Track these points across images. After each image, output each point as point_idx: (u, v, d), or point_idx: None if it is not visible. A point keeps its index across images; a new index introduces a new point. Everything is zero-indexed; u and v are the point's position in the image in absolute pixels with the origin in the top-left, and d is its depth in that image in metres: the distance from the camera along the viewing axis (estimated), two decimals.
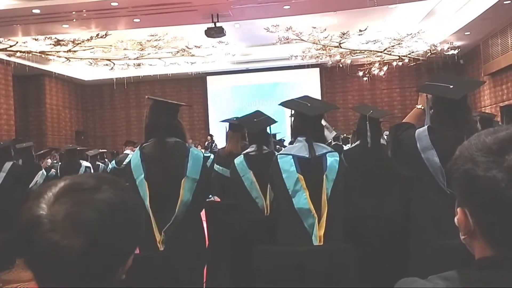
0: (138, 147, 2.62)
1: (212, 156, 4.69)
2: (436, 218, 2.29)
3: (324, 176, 2.46)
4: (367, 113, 3.34)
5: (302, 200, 2.42)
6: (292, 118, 2.77)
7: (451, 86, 2.31)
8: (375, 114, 3.40)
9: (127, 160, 8.69)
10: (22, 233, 0.77)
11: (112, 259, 0.80)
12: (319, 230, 2.37)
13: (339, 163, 2.54)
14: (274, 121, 3.43)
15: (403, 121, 2.65)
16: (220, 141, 11.57)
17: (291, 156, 2.54)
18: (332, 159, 2.53)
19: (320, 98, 11.68)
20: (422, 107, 2.60)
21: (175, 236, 2.39)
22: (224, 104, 16.37)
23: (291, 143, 2.80)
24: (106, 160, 9.33)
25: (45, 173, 6.67)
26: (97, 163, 7.81)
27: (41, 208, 0.77)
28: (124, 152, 9.25)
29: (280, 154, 2.65)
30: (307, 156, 2.52)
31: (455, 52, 12.94)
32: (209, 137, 14.27)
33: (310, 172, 2.48)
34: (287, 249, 2.39)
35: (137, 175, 2.46)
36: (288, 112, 2.91)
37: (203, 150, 8.26)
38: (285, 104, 2.78)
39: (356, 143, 3.64)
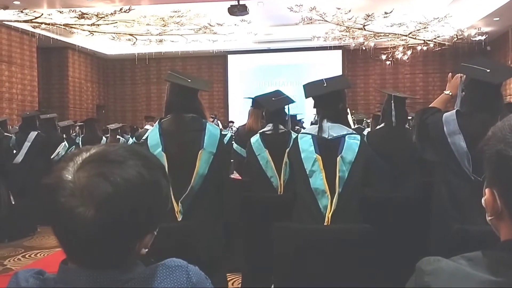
0: (157, 121, 2.66)
1: (229, 134, 4.72)
2: (458, 203, 2.28)
3: (339, 158, 2.46)
4: (393, 93, 3.34)
5: (319, 180, 2.45)
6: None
7: (488, 70, 2.26)
8: (401, 94, 3.41)
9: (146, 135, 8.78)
10: (47, 191, 0.80)
11: (124, 234, 0.80)
12: (328, 211, 2.41)
13: (360, 146, 2.53)
14: (292, 101, 3.43)
15: (430, 105, 2.61)
16: (239, 121, 11.58)
17: (310, 136, 2.55)
18: (352, 141, 2.52)
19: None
20: (450, 93, 2.55)
21: (192, 206, 2.45)
22: (244, 83, 16.32)
23: (313, 124, 2.81)
24: (129, 135, 9.41)
25: (67, 144, 6.81)
26: (118, 137, 7.93)
27: (68, 171, 0.79)
28: (144, 127, 9.36)
29: (301, 133, 2.67)
30: (327, 136, 2.53)
31: (483, 38, 12.61)
32: (211, 117, 14.20)
33: (328, 153, 2.49)
34: (306, 227, 2.43)
35: (154, 148, 2.50)
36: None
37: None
38: (305, 89, 2.77)
39: (380, 126, 3.63)
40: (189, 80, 2.64)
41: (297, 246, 2.39)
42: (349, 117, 4.09)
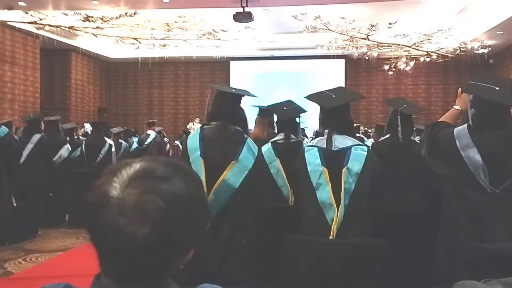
0: (199, 127, 2.70)
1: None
2: (473, 216, 2.27)
3: (345, 169, 2.44)
4: (400, 108, 3.30)
5: (325, 193, 2.43)
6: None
7: (497, 88, 2.26)
8: (408, 109, 3.37)
9: (149, 140, 8.77)
10: (91, 209, 0.77)
11: (173, 251, 0.79)
12: (334, 224, 2.39)
13: (367, 157, 2.51)
14: (303, 111, 3.45)
15: (439, 120, 2.61)
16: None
17: (316, 149, 2.55)
18: (359, 152, 2.51)
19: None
20: (460, 108, 2.55)
21: (219, 217, 2.44)
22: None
23: (318, 133, 2.81)
24: (132, 138, 9.25)
25: (69, 148, 6.77)
26: (120, 140, 7.84)
27: (114, 188, 0.76)
28: (146, 132, 9.36)
29: (307, 146, 2.67)
30: (333, 148, 2.51)
31: (486, 51, 12.66)
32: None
33: (334, 165, 2.48)
34: (316, 240, 2.41)
35: (193, 152, 2.53)
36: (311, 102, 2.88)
37: None
38: (309, 97, 2.78)
39: (385, 137, 3.60)
40: (233, 90, 2.76)
41: (308, 258, 2.37)
42: None
